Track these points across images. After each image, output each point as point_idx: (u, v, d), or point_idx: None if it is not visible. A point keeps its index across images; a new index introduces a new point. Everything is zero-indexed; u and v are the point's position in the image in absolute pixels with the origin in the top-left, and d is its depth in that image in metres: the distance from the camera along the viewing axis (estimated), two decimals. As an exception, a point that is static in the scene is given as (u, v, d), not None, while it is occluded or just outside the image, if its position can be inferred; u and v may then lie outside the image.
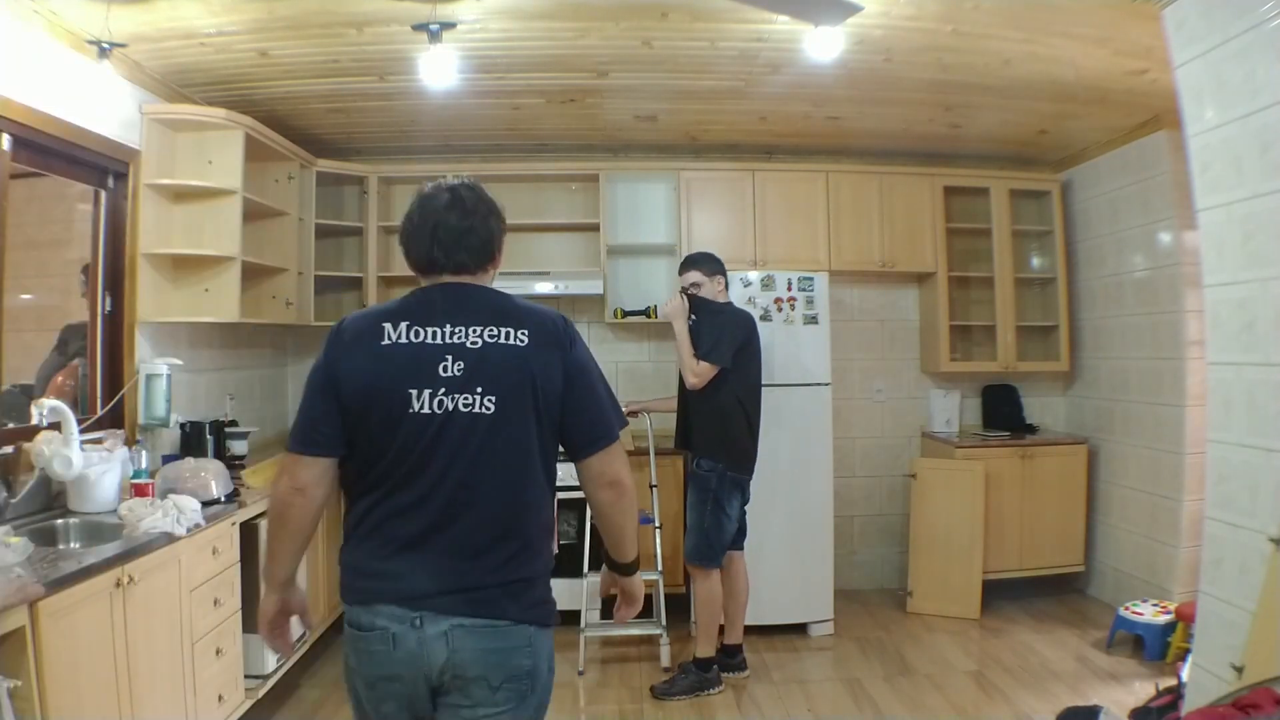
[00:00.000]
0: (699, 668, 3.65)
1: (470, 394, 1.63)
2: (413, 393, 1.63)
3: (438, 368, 1.64)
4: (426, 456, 1.63)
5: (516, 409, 1.65)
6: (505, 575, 1.65)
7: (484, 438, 1.64)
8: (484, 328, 1.67)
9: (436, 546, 1.64)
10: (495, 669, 1.62)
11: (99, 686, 2.19)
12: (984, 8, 3.06)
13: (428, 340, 1.66)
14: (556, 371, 1.68)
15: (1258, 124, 2.38)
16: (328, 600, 4.02)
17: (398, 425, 1.63)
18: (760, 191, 4.82)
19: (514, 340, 1.67)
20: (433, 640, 1.60)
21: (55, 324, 3.32)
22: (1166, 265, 4.32)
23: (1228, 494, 2.54)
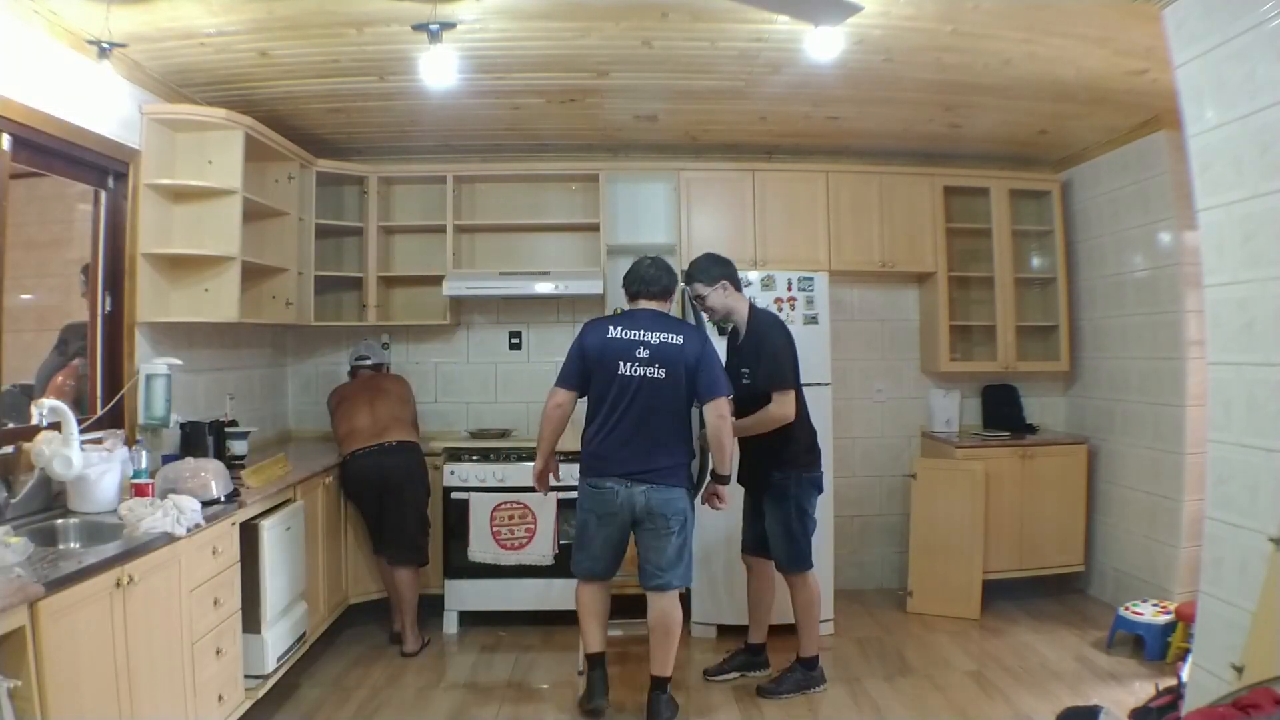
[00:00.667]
0: (805, 666, 3.65)
1: (652, 367, 3.22)
2: (620, 363, 3.22)
3: (635, 351, 3.23)
4: (630, 398, 3.21)
5: (674, 376, 3.22)
6: (668, 463, 3.25)
7: (657, 389, 3.21)
8: (660, 333, 3.27)
9: (634, 447, 3.21)
10: (667, 507, 3.22)
11: (99, 686, 2.19)
12: (984, 8, 3.06)
13: (632, 337, 3.25)
14: (694, 358, 3.23)
15: (1258, 124, 2.38)
16: (328, 601, 4.02)
17: (613, 381, 3.23)
18: (760, 191, 4.82)
19: (675, 340, 3.26)
20: (637, 495, 3.21)
21: (55, 324, 3.32)
22: (1166, 265, 4.32)
23: (1228, 494, 2.54)
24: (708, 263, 3.65)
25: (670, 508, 3.21)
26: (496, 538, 4.34)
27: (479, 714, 3.46)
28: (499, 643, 4.27)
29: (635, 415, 3.20)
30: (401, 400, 4.36)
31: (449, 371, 5.13)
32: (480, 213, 5.08)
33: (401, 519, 4.10)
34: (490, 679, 3.82)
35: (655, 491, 3.20)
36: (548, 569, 4.22)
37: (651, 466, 3.20)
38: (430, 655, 4.10)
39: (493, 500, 4.35)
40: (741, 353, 3.64)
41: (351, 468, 4.07)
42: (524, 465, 4.41)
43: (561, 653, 4.04)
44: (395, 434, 4.11)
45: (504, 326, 5.14)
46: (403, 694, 3.64)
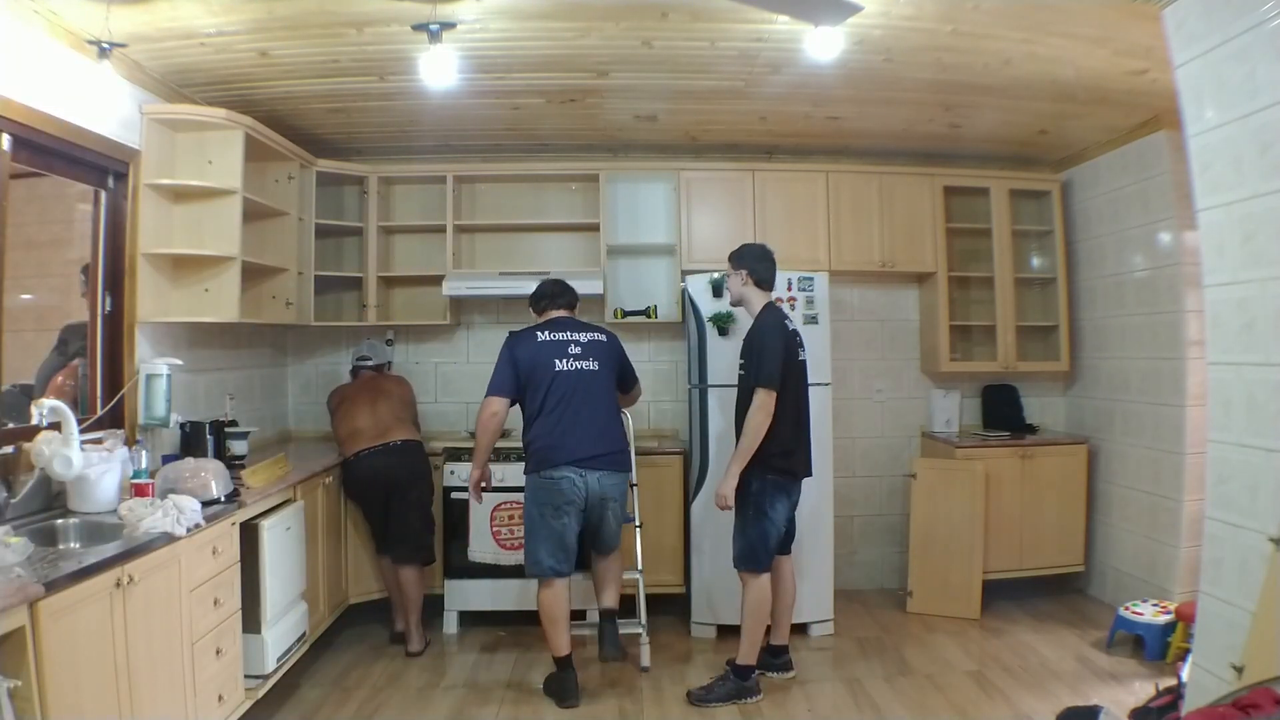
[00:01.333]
0: (738, 675, 3.56)
1: (585, 360, 3.57)
2: (555, 361, 3.53)
3: (568, 349, 3.57)
4: (568, 391, 3.51)
5: (605, 367, 3.62)
6: (615, 448, 3.60)
7: (593, 379, 3.57)
8: (586, 332, 3.67)
9: (580, 435, 3.48)
10: (617, 491, 3.58)
11: (99, 686, 2.19)
12: (984, 8, 3.07)
13: (561, 338, 3.61)
14: (619, 353, 3.72)
15: (1258, 124, 2.38)
16: (328, 601, 4.02)
17: (551, 379, 3.52)
18: (760, 191, 4.82)
19: (600, 338, 3.68)
20: (592, 481, 3.49)
21: (55, 324, 3.32)
22: (1166, 265, 4.32)
23: (1228, 494, 2.54)
24: (747, 250, 3.69)
25: (619, 490, 3.61)
26: (496, 537, 4.33)
27: (479, 714, 3.46)
28: (499, 643, 4.27)
29: (576, 406, 3.51)
30: (403, 401, 4.36)
31: (449, 371, 5.13)
32: (480, 213, 5.08)
33: (407, 518, 4.10)
34: (490, 679, 3.82)
35: (608, 477, 3.53)
36: (548, 569, 4.21)
37: (602, 452, 3.51)
38: (430, 655, 4.10)
39: (493, 500, 4.34)
40: (743, 347, 3.64)
41: (355, 469, 4.07)
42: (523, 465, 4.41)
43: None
44: (398, 433, 4.11)
45: (504, 326, 5.13)
46: (403, 694, 3.64)
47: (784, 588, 3.78)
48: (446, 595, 4.40)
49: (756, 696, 3.56)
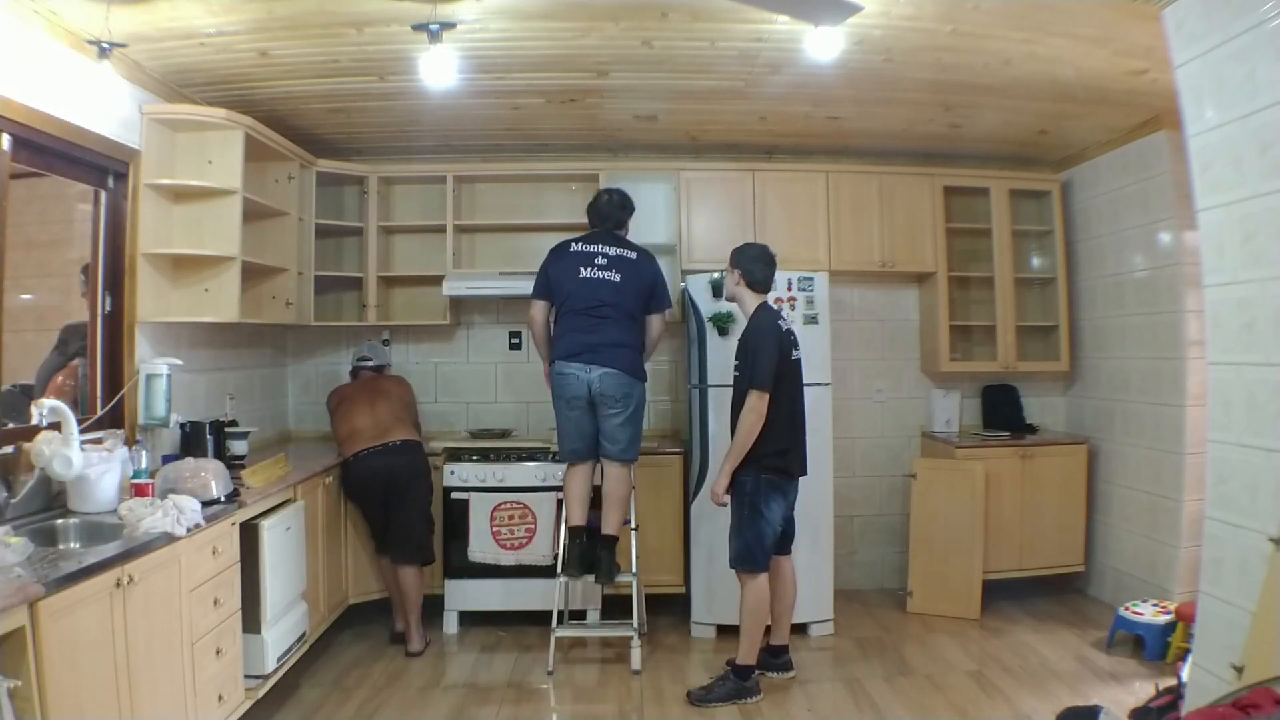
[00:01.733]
0: (739, 675, 3.56)
1: (608, 272, 3.81)
2: (581, 268, 3.81)
3: (594, 259, 3.83)
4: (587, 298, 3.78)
5: (627, 282, 3.81)
6: (620, 351, 3.75)
7: (612, 290, 3.79)
8: (617, 248, 3.88)
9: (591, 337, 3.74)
10: (617, 389, 3.74)
11: (99, 686, 2.19)
12: (984, 8, 3.06)
13: (590, 250, 3.86)
14: (650, 275, 3.89)
15: (1258, 124, 2.38)
16: (328, 601, 4.02)
17: (575, 284, 3.79)
18: (760, 191, 4.82)
19: (630, 255, 3.89)
20: (593, 377, 3.71)
21: (55, 324, 3.32)
22: (1166, 265, 4.32)
23: (1228, 494, 2.54)
24: (745, 250, 3.72)
25: (619, 390, 3.74)
26: (496, 538, 4.34)
27: (479, 714, 3.46)
28: (499, 643, 4.27)
29: (591, 309, 3.76)
30: (403, 401, 4.36)
31: (449, 371, 5.13)
32: (480, 213, 5.08)
33: (407, 518, 4.10)
34: (490, 679, 3.82)
35: (609, 375, 3.72)
36: (548, 569, 4.22)
37: (605, 351, 3.72)
38: (430, 655, 4.10)
39: (493, 500, 4.35)
40: (737, 348, 3.64)
41: (355, 469, 4.07)
42: (524, 465, 4.42)
43: (560, 651, 4.04)
44: (398, 434, 4.11)
45: (504, 326, 5.14)
46: (403, 694, 3.64)
47: (784, 588, 3.78)
48: (446, 595, 4.40)
49: (756, 696, 3.55)
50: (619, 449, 3.84)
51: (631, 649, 3.88)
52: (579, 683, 3.80)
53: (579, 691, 3.71)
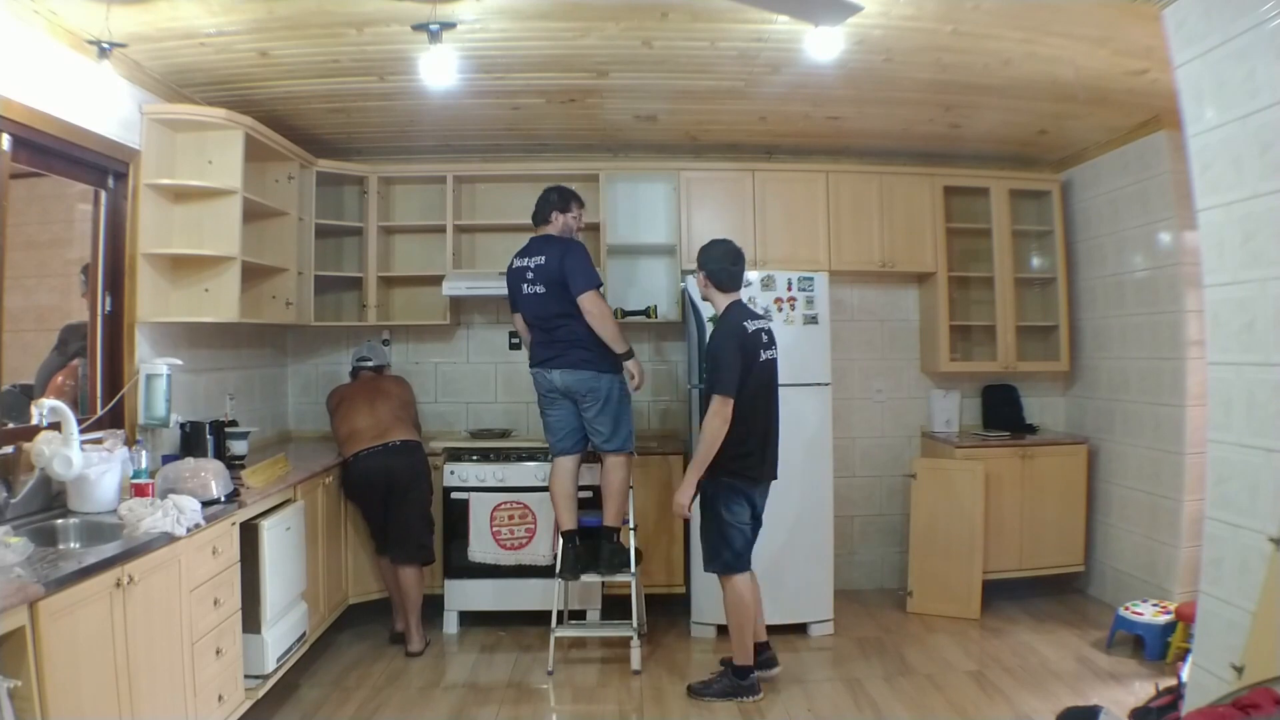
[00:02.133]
0: (736, 675, 3.58)
1: (536, 286, 3.85)
2: (521, 286, 3.90)
3: (525, 274, 3.89)
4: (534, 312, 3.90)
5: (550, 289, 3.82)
6: (573, 352, 3.81)
7: (543, 302, 3.84)
8: (537, 256, 3.89)
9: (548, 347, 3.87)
10: (580, 385, 3.84)
11: (99, 686, 2.19)
12: (984, 8, 3.06)
13: (522, 265, 3.93)
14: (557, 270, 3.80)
15: (1258, 124, 2.38)
16: (328, 601, 4.02)
17: (520, 300, 3.93)
18: (760, 191, 4.82)
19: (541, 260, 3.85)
20: (555, 376, 3.85)
21: (55, 324, 3.32)
22: (1166, 265, 4.32)
23: (1228, 494, 2.54)
24: (709, 250, 3.66)
25: (582, 385, 3.83)
26: (496, 538, 4.34)
27: (479, 714, 3.46)
28: (499, 643, 4.27)
29: (540, 324, 3.90)
30: (402, 401, 4.36)
31: (449, 371, 5.13)
32: (480, 213, 5.08)
33: (406, 518, 4.10)
34: (490, 679, 3.82)
35: (568, 374, 3.83)
36: (548, 569, 4.22)
37: (558, 354, 3.84)
38: (430, 655, 4.10)
39: (493, 500, 4.35)
40: (703, 351, 3.65)
41: (355, 469, 4.07)
42: (524, 465, 4.42)
43: (560, 651, 4.04)
44: (397, 434, 4.11)
45: (504, 326, 5.14)
46: (403, 694, 3.64)
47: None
48: (446, 595, 4.40)
49: (755, 696, 3.55)
50: (603, 440, 3.89)
51: (631, 649, 3.88)
52: (579, 683, 3.80)
53: (579, 691, 3.71)
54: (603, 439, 3.89)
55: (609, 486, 3.92)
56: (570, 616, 4.35)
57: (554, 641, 3.91)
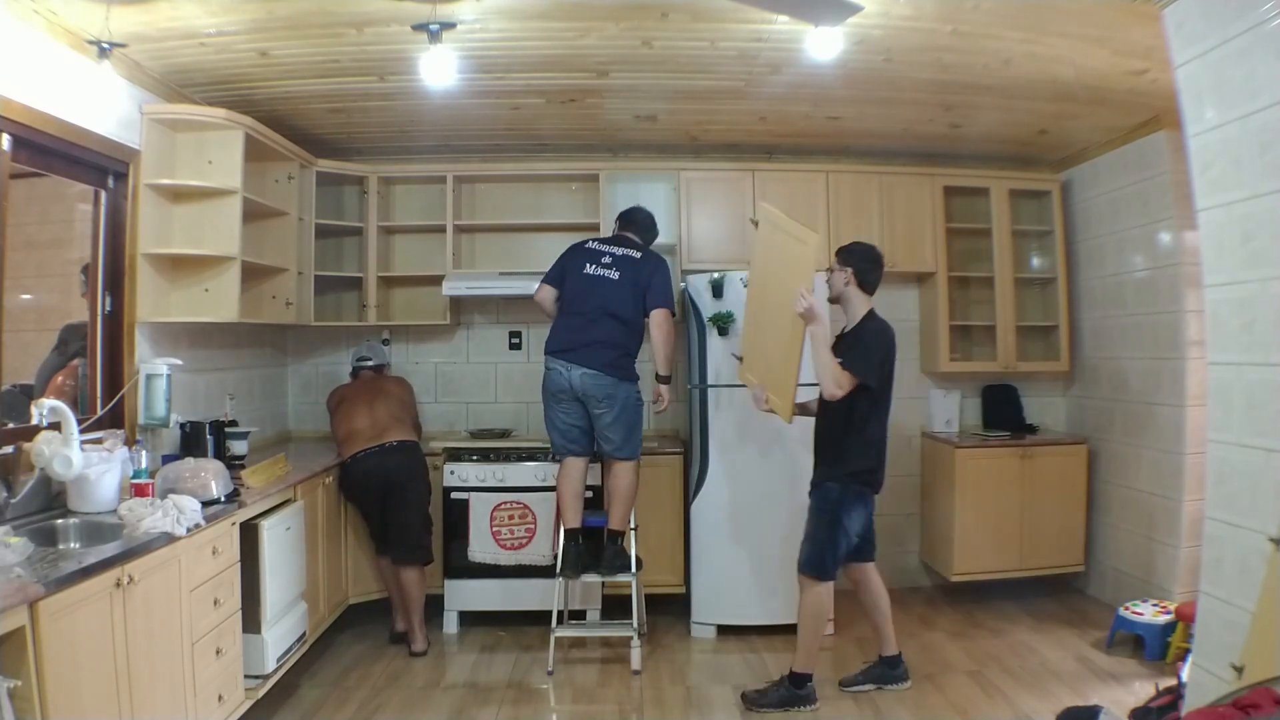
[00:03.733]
0: (793, 683, 3.46)
1: (610, 270, 3.87)
2: (587, 264, 3.89)
3: (600, 257, 3.91)
4: (587, 295, 3.85)
5: (626, 280, 3.85)
6: (606, 355, 3.78)
7: (610, 288, 3.83)
8: (625, 249, 3.95)
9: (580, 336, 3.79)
10: (598, 390, 3.77)
11: (99, 686, 2.19)
12: (984, 8, 3.06)
13: (601, 248, 3.96)
14: (648, 274, 3.87)
15: (1258, 124, 2.38)
16: (328, 601, 4.02)
17: (579, 279, 3.89)
18: (760, 191, 4.81)
19: (634, 255, 3.94)
20: (575, 376, 3.76)
21: (55, 324, 3.32)
22: (1166, 265, 4.32)
23: (1228, 494, 2.54)
24: (857, 249, 3.58)
25: (600, 390, 3.76)
26: (496, 538, 4.34)
27: (479, 714, 3.46)
28: (499, 643, 4.27)
29: (585, 306, 3.82)
30: (401, 402, 4.35)
31: (449, 371, 5.13)
32: (480, 213, 5.08)
33: (405, 519, 4.09)
34: (490, 679, 3.82)
35: (588, 375, 3.75)
36: (548, 569, 4.22)
37: (587, 351, 3.76)
38: (430, 655, 4.10)
39: (493, 500, 4.35)
40: (841, 344, 3.47)
41: (353, 470, 4.07)
42: (524, 465, 4.42)
43: (560, 651, 4.04)
44: (395, 434, 4.11)
45: (504, 326, 5.14)
46: (403, 694, 3.64)
47: (876, 596, 3.69)
48: (446, 595, 4.40)
49: (812, 705, 3.44)
50: (613, 448, 3.88)
51: (631, 649, 3.88)
52: (579, 683, 3.80)
53: (579, 691, 3.71)
54: (613, 447, 3.88)
55: (616, 491, 3.92)
56: (570, 616, 4.35)
57: (554, 641, 3.90)
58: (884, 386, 3.42)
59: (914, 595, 5.01)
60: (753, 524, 4.25)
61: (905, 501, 5.17)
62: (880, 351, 3.39)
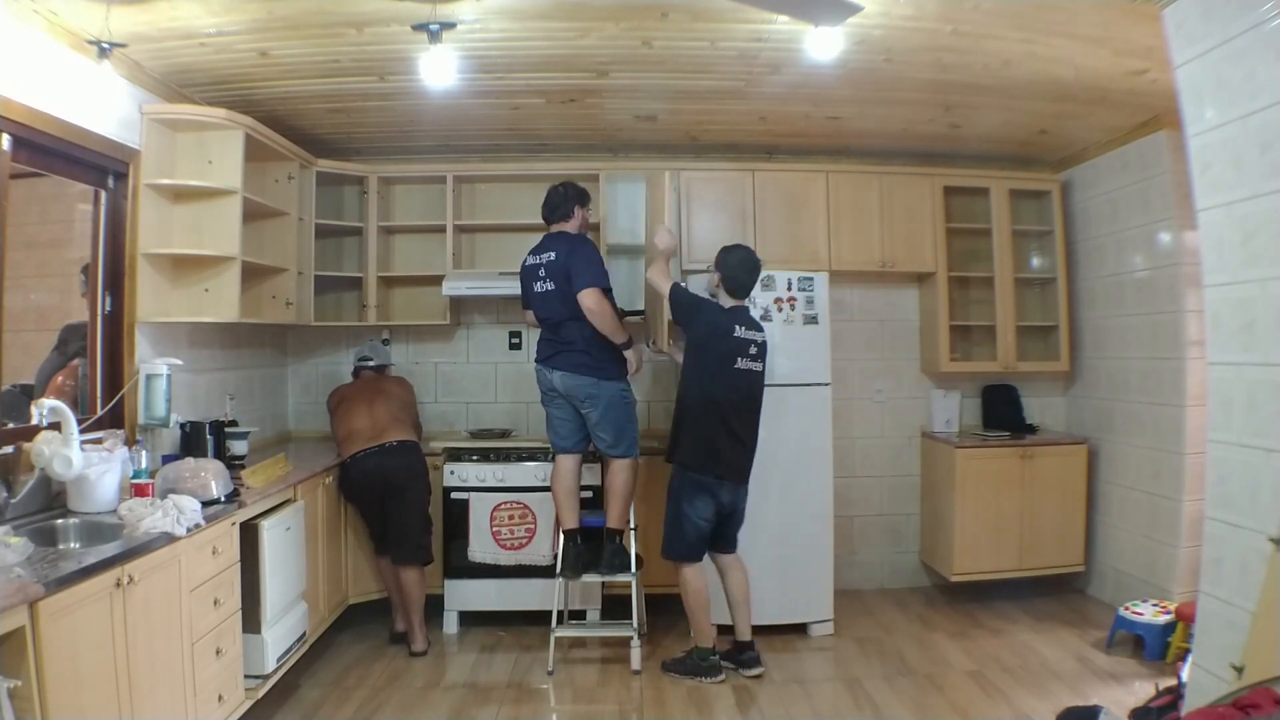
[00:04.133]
0: (696, 655, 3.77)
1: (547, 282, 3.84)
2: (533, 284, 3.91)
3: (537, 271, 3.88)
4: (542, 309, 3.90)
5: (558, 284, 3.80)
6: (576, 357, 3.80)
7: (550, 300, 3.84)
8: (548, 252, 3.88)
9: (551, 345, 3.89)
10: (578, 391, 3.82)
11: (99, 686, 2.19)
12: (984, 8, 3.07)
13: (533, 261, 3.94)
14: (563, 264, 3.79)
15: (1258, 124, 2.38)
16: (328, 601, 4.02)
17: (531, 298, 3.94)
18: (760, 191, 4.82)
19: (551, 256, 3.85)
20: (555, 378, 3.84)
21: (55, 324, 3.32)
22: (1166, 265, 4.32)
23: (1228, 494, 2.54)
24: (731, 254, 3.83)
25: (580, 391, 3.81)
26: (496, 538, 4.34)
27: (479, 714, 3.46)
28: (499, 643, 4.27)
29: (548, 322, 3.89)
30: (402, 403, 4.35)
31: (449, 371, 5.13)
32: (480, 213, 5.08)
33: (404, 519, 4.09)
34: (490, 679, 3.82)
35: (565, 377, 3.82)
36: (548, 569, 4.22)
37: (560, 356, 3.83)
38: (431, 655, 4.10)
39: (493, 500, 4.35)
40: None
41: (352, 470, 4.07)
42: (524, 465, 4.42)
43: (560, 651, 4.04)
44: (394, 434, 4.11)
45: (504, 326, 5.15)
46: (403, 694, 3.64)
47: (731, 585, 3.90)
48: (446, 595, 4.40)
49: (715, 677, 3.73)
50: (606, 445, 3.90)
51: (631, 649, 3.88)
52: (579, 683, 3.80)
53: (579, 691, 3.71)
54: (606, 445, 3.90)
55: (612, 489, 3.93)
56: (570, 616, 4.35)
57: (554, 641, 3.91)
58: (704, 385, 3.68)
59: (914, 595, 5.01)
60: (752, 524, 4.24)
61: (905, 501, 5.17)
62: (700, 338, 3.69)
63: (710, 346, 3.67)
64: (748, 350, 3.71)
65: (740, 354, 3.68)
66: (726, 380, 3.66)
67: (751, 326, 3.78)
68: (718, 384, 3.67)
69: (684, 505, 3.70)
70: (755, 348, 3.74)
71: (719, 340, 3.67)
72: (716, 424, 3.66)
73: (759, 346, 3.76)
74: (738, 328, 3.69)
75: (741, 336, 3.70)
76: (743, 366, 3.69)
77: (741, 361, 3.68)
